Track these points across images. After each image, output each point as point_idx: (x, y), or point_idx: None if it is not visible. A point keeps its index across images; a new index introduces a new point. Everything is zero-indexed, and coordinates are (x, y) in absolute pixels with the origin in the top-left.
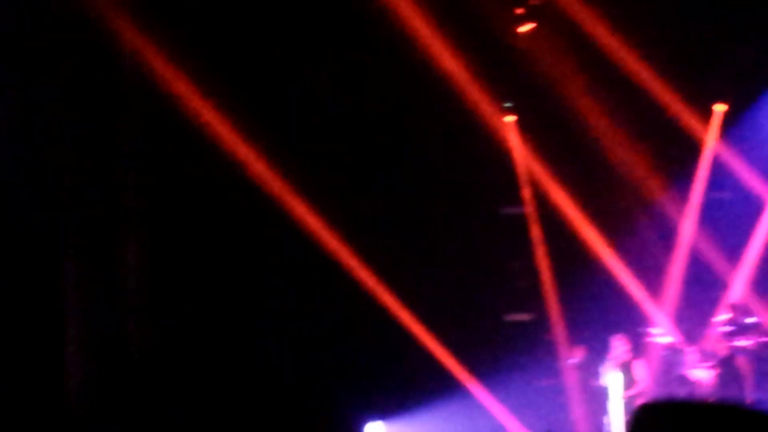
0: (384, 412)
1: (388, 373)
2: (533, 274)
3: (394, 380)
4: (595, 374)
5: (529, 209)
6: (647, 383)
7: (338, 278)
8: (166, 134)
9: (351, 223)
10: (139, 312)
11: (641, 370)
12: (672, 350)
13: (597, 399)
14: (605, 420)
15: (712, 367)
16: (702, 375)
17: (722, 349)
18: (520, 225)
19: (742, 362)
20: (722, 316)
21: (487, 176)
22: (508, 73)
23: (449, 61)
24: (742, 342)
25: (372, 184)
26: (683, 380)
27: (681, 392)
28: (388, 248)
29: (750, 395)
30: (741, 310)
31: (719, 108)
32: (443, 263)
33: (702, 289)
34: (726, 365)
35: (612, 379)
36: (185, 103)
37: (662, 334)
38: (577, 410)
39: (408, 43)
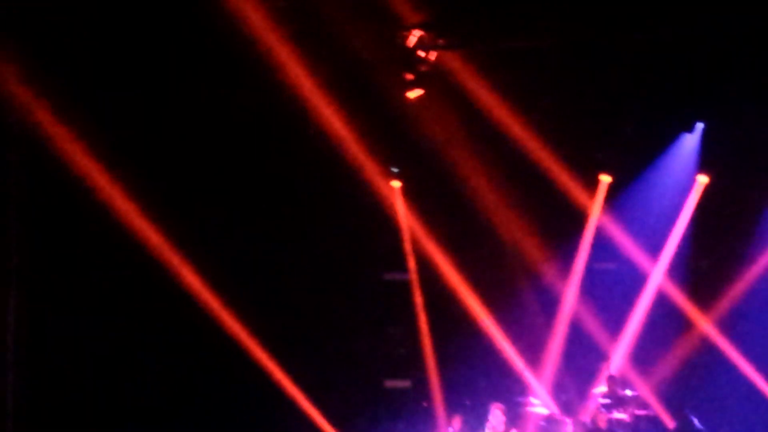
0: None
1: None
2: (414, 340)
3: None
4: None
5: (413, 275)
6: None
7: (218, 343)
8: (46, 192)
9: (231, 286)
10: (18, 366)
11: None
12: (549, 421)
13: None
14: None
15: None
16: None
17: (600, 421)
18: (402, 291)
19: None
20: (600, 388)
21: (372, 242)
22: (396, 138)
23: (338, 126)
24: (619, 415)
25: (254, 246)
26: None
27: None
28: (268, 311)
29: None
30: (619, 382)
31: (605, 179)
32: (323, 327)
33: (582, 360)
34: None
35: None
36: (68, 158)
37: (540, 404)
38: None
39: (297, 106)
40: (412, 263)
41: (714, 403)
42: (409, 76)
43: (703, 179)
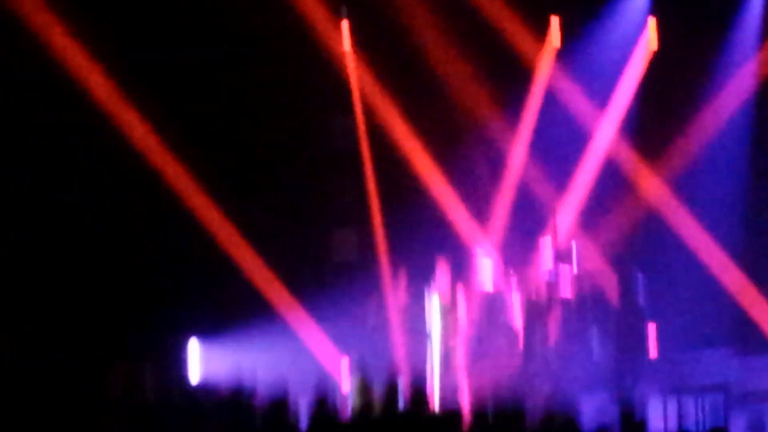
0: (204, 331)
1: (209, 292)
2: (361, 192)
3: (215, 300)
4: (419, 300)
5: (359, 125)
6: (467, 328)
7: (164, 195)
8: None
9: (177, 133)
10: None
11: (462, 313)
12: (492, 296)
13: (420, 334)
14: (427, 349)
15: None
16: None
17: (540, 296)
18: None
19: (554, 314)
20: (546, 242)
21: (317, 88)
22: None
23: None
24: (564, 273)
25: (198, 89)
26: (503, 326)
27: (500, 339)
28: (215, 160)
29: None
30: (564, 255)
31: (554, 23)
32: (270, 179)
33: (528, 219)
34: (540, 312)
35: (435, 304)
36: None
37: (486, 261)
38: (400, 348)
39: None
40: (358, 113)
41: (658, 261)
42: None
43: (653, 23)
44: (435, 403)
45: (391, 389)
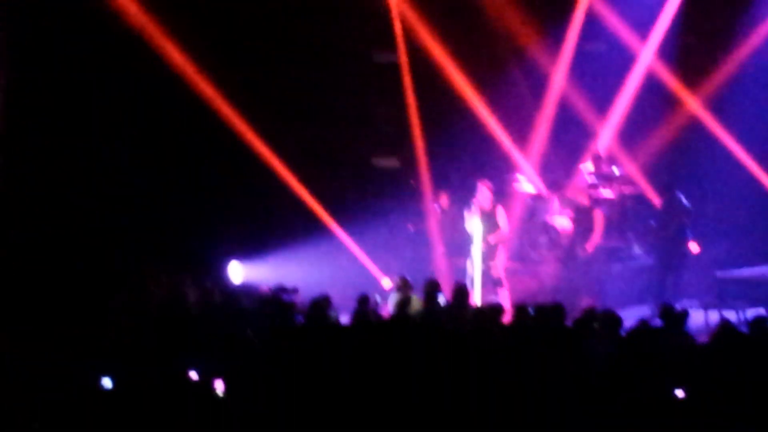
0: (245, 251)
1: (252, 213)
2: (402, 120)
3: (256, 220)
4: (459, 219)
5: (401, 56)
6: (509, 230)
7: (201, 119)
8: None
9: (220, 70)
10: None
11: (503, 217)
12: (536, 198)
13: (459, 243)
14: (467, 264)
15: (572, 215)
16: (563, 223)
17: (583, 198)
18: (390, 71)
19: (597, 214)
20: (587, 166)
21: (360, 20)
22: None
23: None
24: (605, 192)
25: (241, 23)
26: (545, 227)
27: (542, 239)
28: (256, 88)
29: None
30: (605, 160)
31: None
32: (312, 107)
33: (570, 139)
34: (584, 214)
35: (475, 225)
36: None
37: (527, 181)
38: (439, 255)
39: None
40: (401, 44)
41: (701, 181)
42: None
43: None
44: (476, 300)
45: (431, 286)
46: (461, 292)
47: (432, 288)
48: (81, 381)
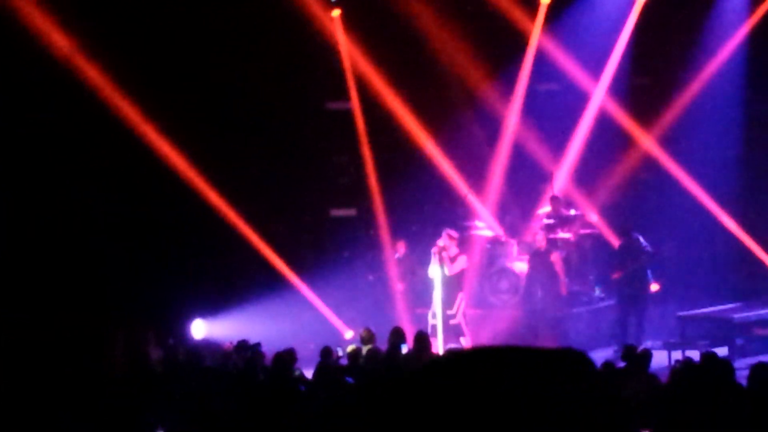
0: (208, 308)
1: (212, 270)
2: (358, 168)
3: (218, 278)
4: (418, 267)
5: (355, 104)
6: (470, 276)
7: (162, 177)
8: None
9: (174, 120)
10: None
11: (462, 264)
12: (494, 243)
13: (419, 291)
14: (428, 313)
15: (530, 260)
16: (522, 267)
17: (540, 241)
18: (345, 120)
19: (555, 257)
20: (544, 209)
21: (313, 71)
22: None
23: None
24: (563, 234)
25: (194, 79)
26: (505, 272)
27: (502, 284)
28: (213, 144)
29: (561, 287)
30: (562, 202)
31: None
32: (268, 158)
33: (525, 182)
34: (541, 258)
35: (435, 272)
36: None
37: (485, 227)
38: (400, 304)
39: None
40: (354, 92)
41: (658, 219)
42: None
43: None
44: (438, 348)
45: (395, 335)
46: (422, 340)
47: (396, 337)
48: None
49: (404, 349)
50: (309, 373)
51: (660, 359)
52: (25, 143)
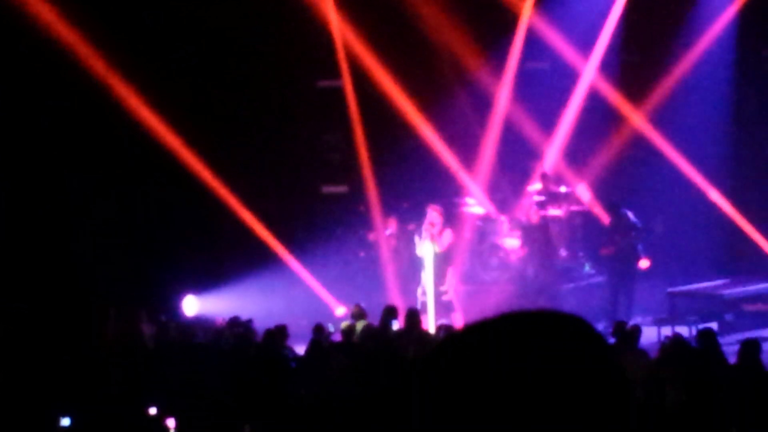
0: (200, 285)
1: (203, 246)
2: (349, 146)
3: (210, 254)
4: (410, 244)
5: (346, 82)
6: (459, 252)
7: (152, 151)
8: None
9: (165, 99)
10: None
11: (448, 239)
12: (485, 220)
13: (410, 268)
14: (418, 290)
15: (522, 236)
16: (513, 243)
17: (533, 216)
18: (336, 98)
19: (548, 230)
20: (535, 186)
21: (304, 49)
22: None
23: None
24: (554, 211)
25: (185, 58)
26: (495, 248)
27: (493, 261)
28: (204, 122)
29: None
30: (552, 179)
31: None
32: (259, 136)
33: (516, 159)
34: (534, 233)
35: (425, 249)
36: None
37: (476, 203)
38: (391, 281)
39: None
40: (345, 70)
41: (647, 195)
42: None
43: None
44: (429, 325)
45: (388, 312)
46: (412, 317)
47: (388, 314)
48: (39, 421)
49: (395, 326)
50: (301, 350)
51: (649, 335)
52: (10, 126)
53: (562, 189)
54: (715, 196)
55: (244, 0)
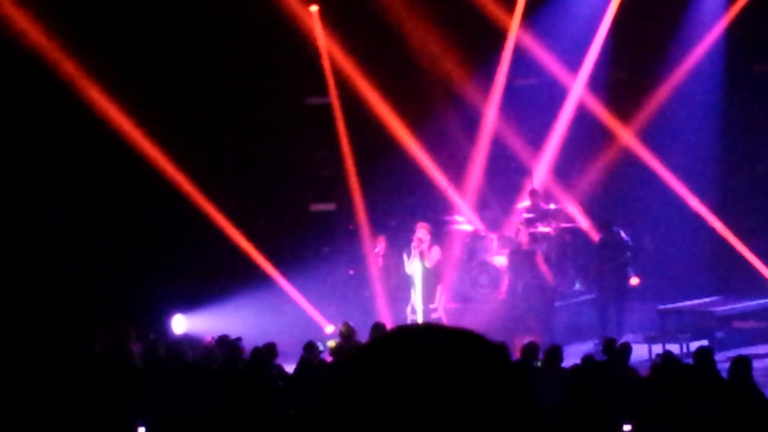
0: (189, 303)
1: (192, 265)
2: (337, 163)
3: (198, 272)
4: (399, 262)
5: (334, 99)
6: (448, 270)
7: (140, 169)
8: None
9: (154, 116)
10: None
11: (437, 255)
12: (474, 237)
13: (400, 286)
14: (407, 308)
15: (509, 259)
16: (502, 261)
17: (522, 237)
18: (324, 115)
19: (538, 255)
20: (524, 203)
21: (292, 67)
22: None
23: None
24: (543, 228)
25: (174, 75)
26: (485, 266)
27: (482, 278)
28: (193, 140)
29: (546, 281)
30: (542, 196)
31: None
32: (247, 153)
33: (505, 176)
34: (522, 255)
35: (415, 267)
36: None
37: (465, 221)
38: (380, 299)
39: None
40: (333, 87)
41: (637, 212)
42: None
43: None
44: None
45: (377, 331)
46: None
47: (377, 332)
48: None
49: None
50: (290, 368)
51: (640, 353)
52: (4, 139)
53: (552, 206)
54: (704, 212)
55: (233, 18)
